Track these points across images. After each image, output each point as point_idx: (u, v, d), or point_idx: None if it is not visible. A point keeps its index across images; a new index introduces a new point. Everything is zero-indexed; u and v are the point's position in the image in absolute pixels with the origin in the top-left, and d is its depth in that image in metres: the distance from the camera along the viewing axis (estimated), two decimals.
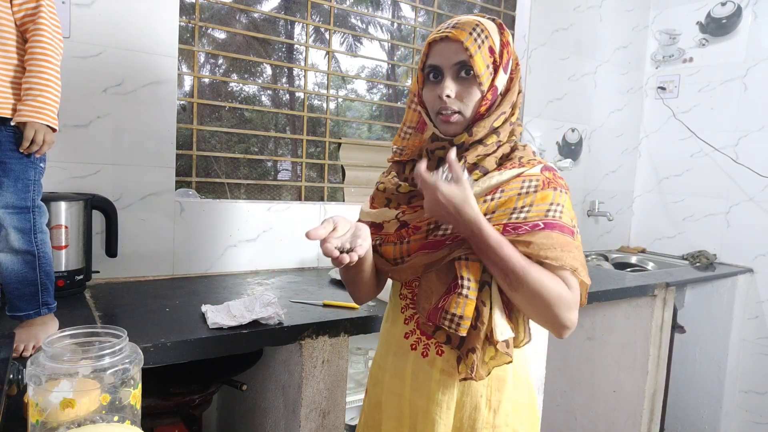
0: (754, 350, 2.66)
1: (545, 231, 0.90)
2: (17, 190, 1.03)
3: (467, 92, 0.93)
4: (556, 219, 0.91)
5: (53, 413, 0.65)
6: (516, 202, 0.93)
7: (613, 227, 3.04)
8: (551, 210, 0.91)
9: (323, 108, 2.19)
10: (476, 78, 0.91)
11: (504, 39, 0.95)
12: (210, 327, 1.22)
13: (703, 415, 2.72)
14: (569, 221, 0.92)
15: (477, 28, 0.92)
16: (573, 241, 0.91)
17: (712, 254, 2.72)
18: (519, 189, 0.93)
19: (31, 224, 1.05)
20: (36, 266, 1.06)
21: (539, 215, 0.91)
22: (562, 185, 0.95)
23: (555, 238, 0.89)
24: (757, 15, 2.65)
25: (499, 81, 0.94)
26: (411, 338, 1.01)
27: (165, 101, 1.67)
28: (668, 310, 2.19)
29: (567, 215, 0.92)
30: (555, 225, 0.90)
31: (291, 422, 1.36)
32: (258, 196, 2.09)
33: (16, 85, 1.02)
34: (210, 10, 2.00)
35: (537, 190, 0.93)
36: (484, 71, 0.92)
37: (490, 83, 0.93)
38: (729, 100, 2.74)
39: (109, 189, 1.60)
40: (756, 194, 2.63)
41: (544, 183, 0.93)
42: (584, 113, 2.84)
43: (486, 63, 0.92)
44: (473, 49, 0.91)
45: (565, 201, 0.93)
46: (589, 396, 2.37)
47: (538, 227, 0.90)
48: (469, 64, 0.91)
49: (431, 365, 0.97)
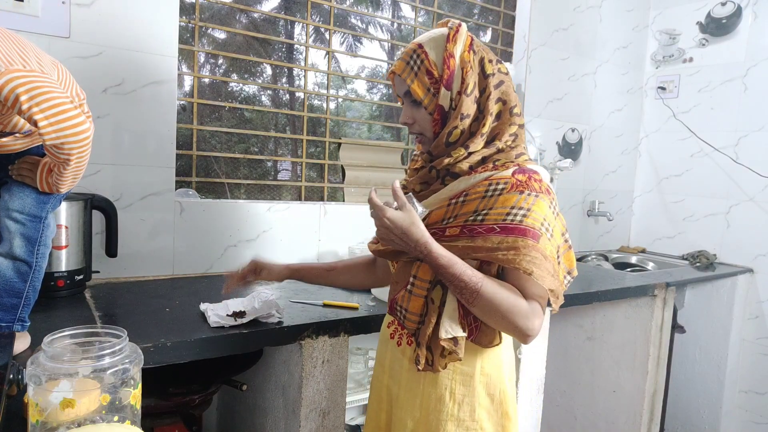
0: (754, 350, 2.66)
1: (499, 235, 0.90)
2: (37, 198, 1.01)
3: (419, 116, 1.01)
4: (515, 222, 0.90)
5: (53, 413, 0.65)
6: (477, 205, 0.94)
7: (613, 227, 3.04)
8: (511, 213, 0.91)
9: (323, 108, 2.19)
10: (420, 103, 0.99)
11: (446, 53, 0.97)
12: (211, 326, 1.22)
13: (703, 415, 2.72)
14: (536, 225, 0.90)
15: (414, 54, 0.99)
16: (535, 245, 0.89)
17: (712, 254, 2.72)
18: (483, 192, 0.95)
19: (39, 235, 1.01)
20: (28, 278, 1.01)
21: (497, 219, 0.91)
22: (535, 188, 0.93)
23: (510, 241, 0.89)
24: (757, 15, 2.65)
25: (442, 99, 0.98)
26: (391, 328, 1.09)
27: (165, 101, 1.67)
28: (668, 310, 2.19)
29: (534, 219, 0.91)
30: (513, 229, 0.90)
31: (291, 422, 1.36)
32: (258, 196, 2.09)
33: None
34: (210, 10, 2.00)
35: (501, 193, 0.93)
36: (424, 95, 0.98)
37: (434, 104, 0.98)
38: (729, 100, 2.74)
39: (109, 189, 1.60)
40: (756, 194, 2.63)
41: (512, 186, 0.93)
42: (584, 113, 2.84)
43: (425, 87, 0.98)
44: (409, 78, 0.98)
45: (533, 204, 0.92)
46: (589, 396, 2.37)
47: (494, 231, 0.91)
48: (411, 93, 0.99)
49: (403, 354, 1.05)
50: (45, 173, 1.01)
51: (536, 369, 1.79)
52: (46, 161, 1.00)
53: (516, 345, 1.68)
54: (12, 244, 0.98)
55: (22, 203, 0.99)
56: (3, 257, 0.98)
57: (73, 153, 0.94)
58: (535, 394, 1.81)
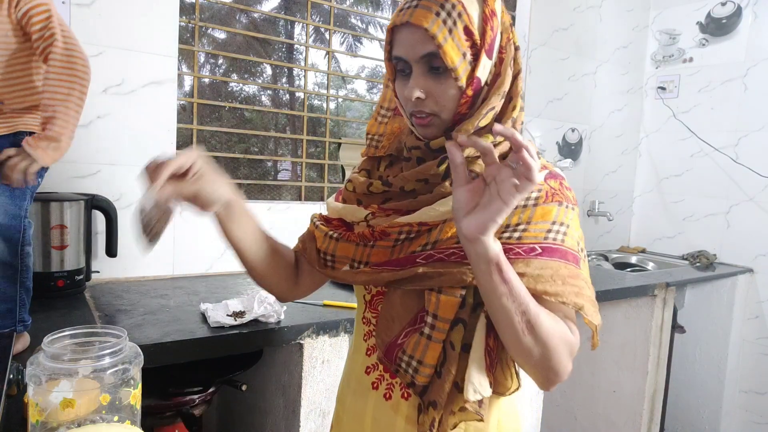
0: (754, 350, 2.66)
1: (542, 258, 0.71)
2: (14, 197, 0.97)
3: (441, 90, 0.73)
4: (558, 243, 0.72)
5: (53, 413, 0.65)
6: (510, 218, 0.72)
7: (613, 227, 3.04)
8: (553, 231, 0.72)
9: (323, 108, 2.19)
10: (450, 72, 0.71)
11: (487, 9, 0.73)
12: (211, 326, 1.22)
13: (703, 415, 2.71)
14: (574, 245, 0.74)
15: (446, 3, 0.71)
16: (579, 272, 0.73)
17: (712, 254, 2.72)
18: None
19: (20, 234, 0.98)
20: (16, 280, 0.98)
21: (537, 236, 0.72)
22: (569, 198, 0.75)
23: (554, 267, 0.71)
24: (757, 15, 2.65)
25: (481, 71, 0.73)
26: (373, 374, 0.83)
27: (165, 101, 1.67)
28: (668, 310, 2.19)
29: (572, 238, 0.74)
30: (556, 250, 0.72)
31: (291, 422, 1.36)
32: (258, 196, 2.09)
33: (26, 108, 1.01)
34: (210, 10, 2.00)
35: (537, 203, 0.73)
36: (459, 62, 0.71)
37: (468, 75, 0.72)
38: (729, 100, 2.74)
39: (109, 189, 1.60)
40: (756, 194, 2.63)
41: (547, 195, 0.73)
42: (584, 113, 2.84)
43: (461, 51, 0.71)
44: (441, 36, 0.70)
45: (571, 219, 0.74)
46: (589, 396, 2.37)
47: (534, 252, 0.71)
48: (438, 56, 0.71)
49: (395, 410, 0.80)
50: (36, 141, 0.96)
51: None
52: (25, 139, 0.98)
53: None
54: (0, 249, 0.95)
55: (3, 205, 0.95)
56: None
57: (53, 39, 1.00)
58: (535, 394, 1.81)
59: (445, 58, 0.70)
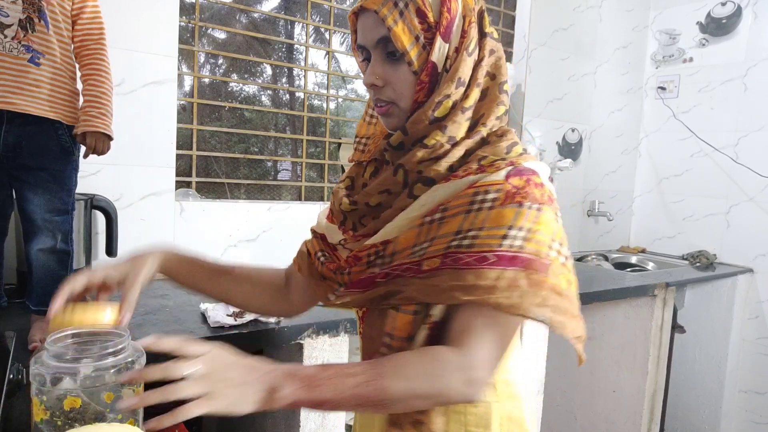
0: (754, 350, 2.66)
1: (496, 268, 0.64)
2: (63, 195, 1.10)
3: (397, 77, 0.70)
4: (515, 249, 0.64)
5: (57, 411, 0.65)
6: (461, 224, 0.66)
7: (613, 227, 3.04)
8: (509, 236, 0.64)
9: (323, 108, 2.19)
10: (404, 56, 0.69)
11: None
12: (211, 326, 1.22)
13: (703, 415, 2.72)
14: (541, 250, 0.65)
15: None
16: (545, 280, 0.64)
17: (712, 254, 2.72)
18: (468, 205, 0.67)
19: (70, 226, 1.12)
20: (68, 264, 1.13)
21: (491, 243, 0.64)
22: (536, 197, 0.66)
23: (511, 277, 0.63)
24: (757, 15, 2.65)
25: (436, 55, 0.69)
26: None
27: (165, 101, 1.67)
28: (668, 310, 2.19)
29: (537, 242, 0.65)
30: (514, 258, 0.64)
31: (291, 422, 1.36)
32: (258, 196, 2.09)
33: (71, 95, 1.11)
34: (210, 10, 2.00)
35: (494, 205, 0.66)
36: (411, 46, 0.68)
37: (423, 59, 0.69)
38: (729, 100, 2.74)
39: (109, 189, 1.60)
40: (756, 194, 2.63)
41: (506, 196, 0.66)
42: (584, 113, 2.84)
43: (414, 34, 0.68)
44: (392, 18, 0.68)
45: (536, 221, 0.66)
46: (589, 396, 2.37)
47: (487, 261, 0.64)
48: (392, 40, 0.68)
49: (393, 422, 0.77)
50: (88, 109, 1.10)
51: (536, 369, 1.79)
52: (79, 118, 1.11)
53: None
54: (55, 241, 1.09)
55: (52, 204, 1.08)
56: (47, 252, 1.09)
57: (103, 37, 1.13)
58: (535, 394, 1.81)
59: (395, 41, 0.68)
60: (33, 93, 1.03)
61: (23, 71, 1.02)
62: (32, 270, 1.10)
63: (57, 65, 1.06)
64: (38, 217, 1.07)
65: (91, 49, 1.12)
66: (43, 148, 1.07)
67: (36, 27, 1.02)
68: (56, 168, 1.09)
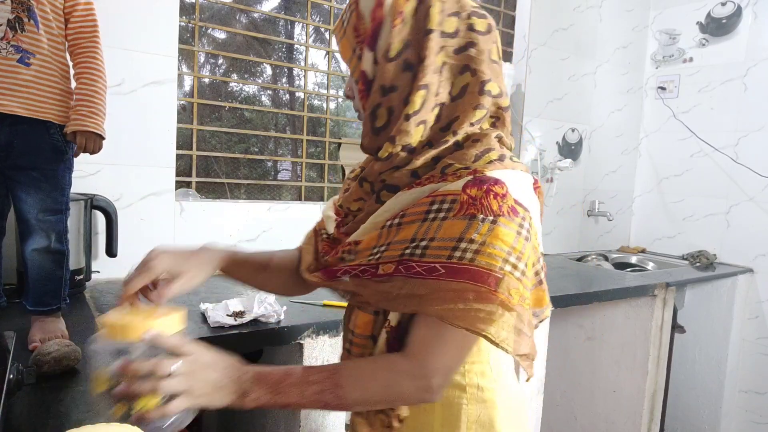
0: (754, 350, 2.66)
1: (443, 280, 0.64)
2: (56, 194, 1.09)
3: (355, 87, 0.76)
4: (465, 262, 0.64)
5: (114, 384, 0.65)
6: (416, 231, 0.67)
7: (613, 227, 3.04)
8: (459, 248, 0.64)
9: (323, 108, 2.19)
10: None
11: (376, 2, 0.70)
12: (211, 326, 1.22)
13: (703, 415, 2.72)
14: (496, 264, 0.64)
15: (347, 6, 0.74)
16: (490, 293, 0.64)
17: (712, 254, 2.72)
18: (424, 214, 0.68)
19: (64, 225, 1.11)
20: (63, 264, 1.12)
21: (440, 255, 0.65)
22: (492, 209, 0.65)
23: (458, 290, 0.64)
24: (757, 15, 2.65)
25: (365, 63, 0.70)
26: None
27: (165, 101, 1.67)
28: (668, 310, 2.19)
29: (490, 256, 0.64)
30: (462, 270, 0.64)
31: (291, 422, 1.36)
32: (258, 196, 2.09)
33: (63, 94, 1.09)
34: (210, 10, 2.00)
35: (447, 216, 0.66)
36: (350, 59, 0.73)
37: (358, 71, 0.72)
38: (729, 100, 2.74)
39: (109, 189, 1.60)
40: (756, 194, 2.63)
41: (460, 206, 0.65)
42: (584, 113, 2.84)
43: (352, 47, 0.72)
44: (339, 35, 0.74)
45: (489, 234, 0.64)
46: (589, 396, 2.37)
47: (435, 272, 0.65)
48: None
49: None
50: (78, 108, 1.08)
51: (536, 369, 1.79)
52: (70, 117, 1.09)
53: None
54: (50, 241, 1.09)
55: (46, 204, 1.08)
56: (42, 252, 1.09)
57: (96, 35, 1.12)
58: (535, 394, 1.81)
59: (342, 55, 0.74)
60: (23, 94, 1.02)
61: (13, 72, 1.01)
62: (28, 270, 1.10)
63: (48, 65, 1.05)
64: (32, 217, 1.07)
65: (83, 47, 1.11)
66: (35, 148, 1.06)
67: (25, 27, 1.01)
68: (49, 168, 1.08)
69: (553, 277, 2.14)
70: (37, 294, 1.10)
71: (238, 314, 1.27)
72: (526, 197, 0.69)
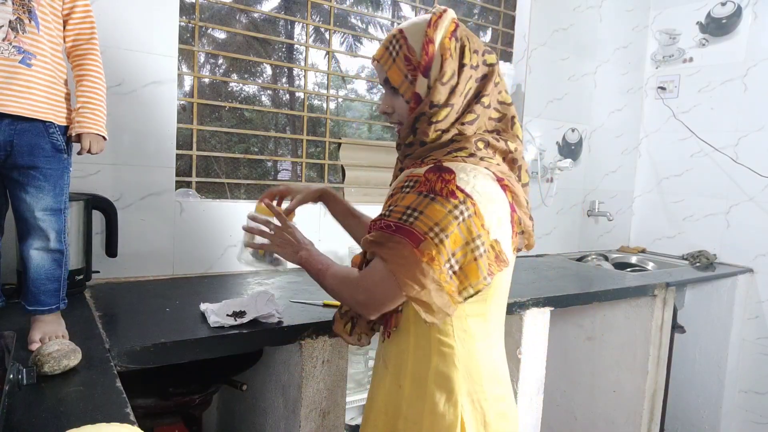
0: (754, 350, 2.66)
1: (390, 233, 0.91)
2: (55, 194, 1.10)
3: (398, 105, 1.01)
4: (407, 224, 0.89)
5: None
6: (393, 200, 0.97)
7: (613, 227, 3.04)
8: (406, 214, 0.90)
9: (323, 108, 2.19)
10: (398, 90, 0.99)
11: (427, 38, 0.95)
12: (211, 326, 1.22)
13: (703, 415, 2.72)
14: (423, 229, 0.88)
15: (393, 40, 0.98)
16: (409, 245, 0.88)
17: (712, 254, 2.72)
18: (400, 189, 0.97)
19: (63, 225, 1.12)
20: (62, 263, 1.13)
21: (396, 218, 0.91)
22: (435, 190, 0.90)
23: (396, 241, 0.89)
24: (757, 15, 2.65)
25: (419, 87, 0.96)
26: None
27: (165, 101, 1.67)
28: (668, 310, 2.19)
29: (423, 223, 0.88)
30: (402, 229, 0.89)
31: (291, 422, 1.36)
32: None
33: (62, 95, 1.10)
34: (210, 10, 2.00)
35: (409, 191, 0.93)
36: (401, 82, 0.98)
37: (411, 92, 0.97)
38: (729, 100, 2.74)
39: (109, 189, 1.60)
40: (756, 194, 2.63)
41: (418, 185, 0.93)
42: (584, 113, 2.84)
43: (403, 73, 0.97)
44: (387, 64, 0.99)
45: (426, 207, 0.89)
46: (589, 396, 2.37)
47: (390, 228, 0.91)
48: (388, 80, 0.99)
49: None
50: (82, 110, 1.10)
51: (536, 369, 1.79)
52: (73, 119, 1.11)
53: (516, 345, 1.68)
54: (48, 240, 1.10)
55: (45, 203, 1.09)
56: (41, 251, 1.10)
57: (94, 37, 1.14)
58: (535, 394, 1.81)
59: (391, 80, 0.99)
60: (24, 94, 1.02)
61: (15, 72, 1.01)
62: (27, 270, 1.10)
63: (48, 66, 1.06)
64: (30, 217, 1.08)
65: (82, 50, 1.12)
66: (35, 148, 1.06)
67: (26, 28, 1.02)
68: (48, 167, 1.08)
69: (553, 277, 2.14)
70: (35, 294, 1.11)
71: (238, 314, 1.27)
72: (476, 188, 0.91)
